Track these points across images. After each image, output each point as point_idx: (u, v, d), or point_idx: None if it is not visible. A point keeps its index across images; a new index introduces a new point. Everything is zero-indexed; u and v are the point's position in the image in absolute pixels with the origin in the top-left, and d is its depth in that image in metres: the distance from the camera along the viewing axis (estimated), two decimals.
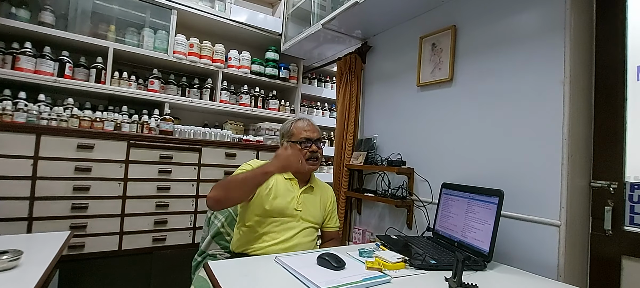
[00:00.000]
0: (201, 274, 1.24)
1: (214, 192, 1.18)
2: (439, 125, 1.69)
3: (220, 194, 1.17)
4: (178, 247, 2.14)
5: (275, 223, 1.30)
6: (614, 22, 1.24)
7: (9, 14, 1.89)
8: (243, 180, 1.18)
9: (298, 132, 1.42)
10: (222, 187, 1.19)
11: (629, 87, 1.19)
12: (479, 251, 1.18)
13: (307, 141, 1.40)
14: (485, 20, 1.51)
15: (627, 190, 1.17)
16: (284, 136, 1.46)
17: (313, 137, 1.42)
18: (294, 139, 1.41)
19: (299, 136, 1.41)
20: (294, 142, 1.40)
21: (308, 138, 1.41)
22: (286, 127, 1.47)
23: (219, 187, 1.18)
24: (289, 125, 1.46)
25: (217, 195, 1.17)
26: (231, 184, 1.19)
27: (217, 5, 2.49)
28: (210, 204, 1.18)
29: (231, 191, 1.18)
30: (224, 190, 1.18)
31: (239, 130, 2.68)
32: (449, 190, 1.47)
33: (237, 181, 1.20)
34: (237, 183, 1.19)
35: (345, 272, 0.99)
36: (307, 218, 1.37)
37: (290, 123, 1.47)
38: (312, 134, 1.42)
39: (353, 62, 2.28)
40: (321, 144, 1.44)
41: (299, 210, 1.35)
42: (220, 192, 1.17)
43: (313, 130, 1.44)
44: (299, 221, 1.34)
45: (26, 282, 0.86)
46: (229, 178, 1.23)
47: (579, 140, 1.22)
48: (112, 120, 2.03)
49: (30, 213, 1.73)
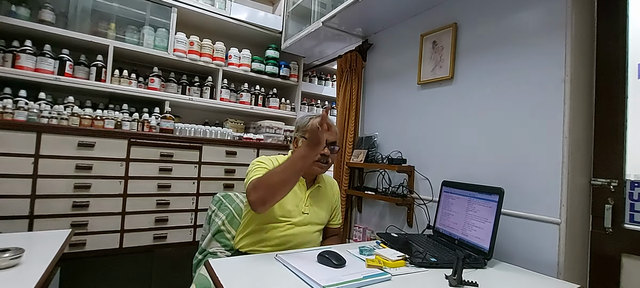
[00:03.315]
0: (202, 272, 1.25)
1: (258, 194, 1.11)
2: (440, 123, 1.69)
3: (266, 196, 1.11)
4: (179, 245, 2.14)
5: (281, 228, 1.27)
6: (614, 20, 1.24)
7: (9, 12, 1.89)
8: (284, 173, 1.11)
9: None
10: (265, 187, 1.11)
11: (630, 85, 1.19)
12: (479, 249, 1.19)
13: None
14: (486, 18, 1.51)
15: (628, 188, 1.17)
16: (299, 129, 1.39)
17: (328, 139, 1.31)
18: (308, 136, 1.30)
19: None
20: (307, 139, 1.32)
21: None
22: (303, 121, 1.38)
23: (262, 188, 1.11)
24: (307, 120, 1.38)
25: (263, 196, 1.11)
26: (273, 181, 1.12)
27: (218, 3, 2.49)
28: (259, 209, 1.12)
29: (277, 188, 1.12)
30: (269, 190, 1.11)
31: (239, 128, 2.68)
32: (449, 188, 1.47)
33: (278, 176, 1.12)
34: (279, 178, 1.11)
35: (345, 269, 0.99)
36: (314, 220, 1.35)
37: (308, 118, 1.38)
38: (328, 136, 1.30)
39: (353, 60, 2.27)
40: (335, 148, 1.36)
41: (306, 212, 1.32)
42: (266, 193, 1.11)
43: (330, 133, 1.31)
44: (306, 225, 1.32)
45: (27, 280, 0.86)
46: (267, 177, 1.14)
47: (579, 138, 1.22)
48: (113, 118, 2.04)
49: (31, 212, 1.74)
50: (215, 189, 2.24)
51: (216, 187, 2.27)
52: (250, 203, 1.13)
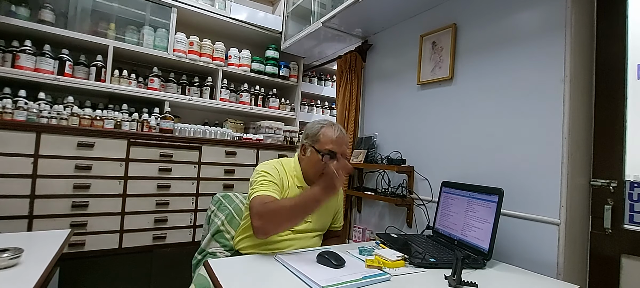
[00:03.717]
0: (201, 272, 1.24)
1: (262, 223, 1.09)
2: (439, 123, 1.69)
3: (269, 228, 1.11)
4: (178, 245, 2.14)
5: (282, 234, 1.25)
6: (614, 21, 1.24)
7: (8, 12, 1.89)
8: (292, 211, 1.10)
9: (324, 140, 1.27)
10: (270, 220, 1.10)
11: (629, 85, 1.19)
12: (478, 249, 1.19)
13: (329, 154, 1.26)
14: (486, 19, 1.51)
15: (627, 188, 1.17)
16: (309, 138, 1.32)
17: (338, 151, 1.27)
18: (317, 146, 1.28)
19: (323, 146, 1.27)
20: (317, 150, 1.28)
21: (332, 152, 1.26)
22: (314, 130, 1.32)
23: (268, 219, 1.10)
24: (318, 128, 1.31)
25: (267, 229, 1.10)
26: (280, 217, 1.11)
27: (217, 4, 2.49)
28: (260, 237, 1.12)
29: (282, 225, 1.13)
30: (274, 224, 1.11)
31: (239, 128, 2.68)
32: (448, 189, 1.47)
33: (286, 213, 1.11)
34: (287, 216, 1.11)
35: (345, 270, 0.99)
36: (317, 227, 1.34)
37: (320, 126, 1.32)
38: (338, 148, 1.27)
39: (353, 60, 2.28)
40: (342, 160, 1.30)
41: (309, 221, 1.31)
42: (270, 226, 1.10)
43: (340, 144, 1.29)
44: (308, 232, 1.31)
45: (27, 280, 0.86)
46: (274, 210, 1.11)
47: (579, 139, 1.22)
48: (112, 118, 2.03)
49: (30, 211, 1.73)
50: (215, 189, 2.24)
51: (216, 187, 2.27)
52: (253, 228, 1.12)
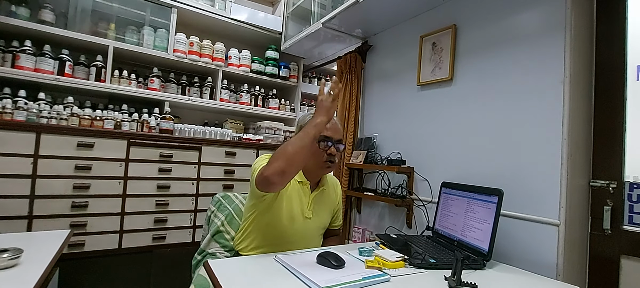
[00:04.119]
0: (201, 273, 1.24)
1: (275, 165, 1.02)
2: (439, 124, 1.69)
3: (283, 165, 1.02)
4: (178, 245, 2.14)
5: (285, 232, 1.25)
6: (614, 22, 1.24)
7: (8, 12, 1.89)
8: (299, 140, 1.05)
9: None
10: (281, 157, 1.03)
11: (629, 86, 1.20)
12: (478, 250, 1.19)
13: (325, 140, 1.25)
14: (486, 20, 1.51)
15: (626, 189, 1.17)
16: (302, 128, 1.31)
17: (334, 137, 1.27)
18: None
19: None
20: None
21: (327, 137, 1.25)
22: (307, 120, 1.28)
23: (279, 159, 1.03)
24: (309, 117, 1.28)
25: (281, 166, 1.02)
26: (289, 151, 1.04)
27: (218, 4, 2.49)
28: (276, 180, 1.03)
29: (294, 155, 1.03)
30: (285, 159, 1.03)
31: (239, 128, 2.68)
32: (448, 190, 1.47)
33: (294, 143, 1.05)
34: (294, 148, 1.04)
35: (344, 270, 0.99)
36: (317, 225, 1.34)
37: (310, 115, 1.29)
38: (334, 134, 1.27)
39: (353, 61, 2.28)
40: (341, 146, 1.30)
41: (309, 217, 1.29)
42: (283, 163, 1.02)
43: (335, 130, 1.28)
44: (309, 230, 1.30)
45: (26, 280, 0.86)
46: (282, 149, 1.06)
47: (578, 140, 1.22)
48: (112, 118, 2.03)
49: (30, 212, 1.73)
50: (215, 190, 2.24)
51: (215, 187, 2.27)
52: (266, 179, 1.03)
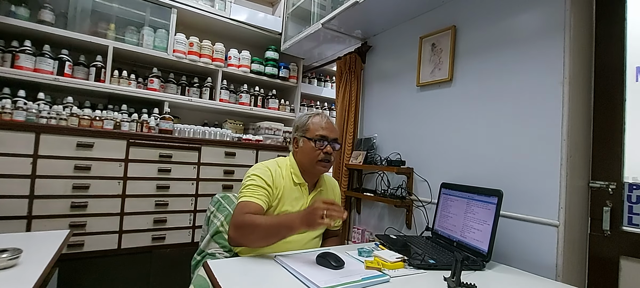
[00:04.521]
0: (201, 273, 1.24)
1: (237, 235, 1.13)
2: (439, 125, 1.69)
3: (243, 242, 1.16)
4: (177, 245, 2.14)
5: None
6: (613, 23, 1.24)
7: (8, 12, 1.89)
8: (268, 231, 1.12)
9: (314, 128, 1.32)
10: (245, 233, 1.13)
11: (628, 87, 1.20)
12: (477, 251, 1.19)
13: (322, 140, 1.31)
14: (485, 21, 1.51)
15: (626, 190, 1.17)
16: (299, 129, 1.36)
17: (330, 136, 1.32)
18: (308, 135, 1.32)
19: (314, 133, 1.32)
20: (308, 139, 1.31)
21: (324, 137, 1.31)
22: (302, 121, 1.37)
23: (242, 232, 1.13)
24: (306, 119, 1.36)
25: (240, 242, 1.16)
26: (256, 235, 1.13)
27: (217, 4, 2.49)
28: (232, 244, 1.19)
29: (255, 242, 1.16)
30: (248, 240, 1.15)
31: (238, 129, 2.68)
32: (448, 190, 1.47)
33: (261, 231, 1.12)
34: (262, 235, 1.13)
35: (344, 271, 0.99)
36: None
37: (307, 116, 1.37)
38: (330, 133, 1.33)
39: (353, 61, 2.28)
40: (337, 145, 1.35)
41: None
42: (244, 240, 1.15)
43: (330, 129, 1.34)
44: (307, 232, 1.29)
45: (25, 280, 0.86)
46: (252, 224, 1.12)
47: (578, 141, 1.22)
48: (112, 118, 2.03)
49: (29, 212, 1.73)
50: (214, 190, 2.24)
51: (215, 188, 2.27)
52: (231, 239, 1.15)
